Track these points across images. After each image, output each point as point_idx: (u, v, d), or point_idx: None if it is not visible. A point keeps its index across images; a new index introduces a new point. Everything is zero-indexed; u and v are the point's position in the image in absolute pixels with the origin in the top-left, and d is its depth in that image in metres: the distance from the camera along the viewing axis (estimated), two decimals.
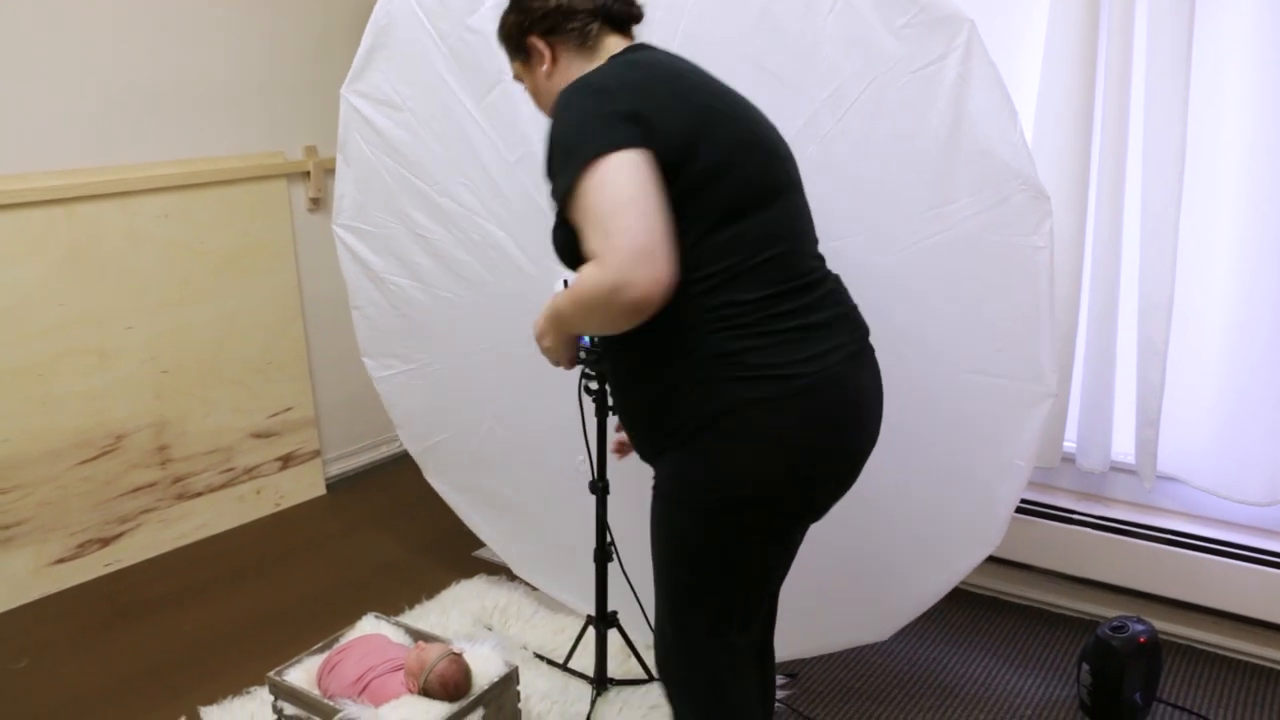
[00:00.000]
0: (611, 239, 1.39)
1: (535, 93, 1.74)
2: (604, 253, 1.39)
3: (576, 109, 1.49)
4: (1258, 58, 2.35)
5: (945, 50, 1.91)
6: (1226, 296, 2.50)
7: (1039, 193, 1.93)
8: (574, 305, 1.49)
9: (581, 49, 1.65)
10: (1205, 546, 2.57)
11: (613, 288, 1.39)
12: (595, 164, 1.42)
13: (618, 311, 1.42)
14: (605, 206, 1.41)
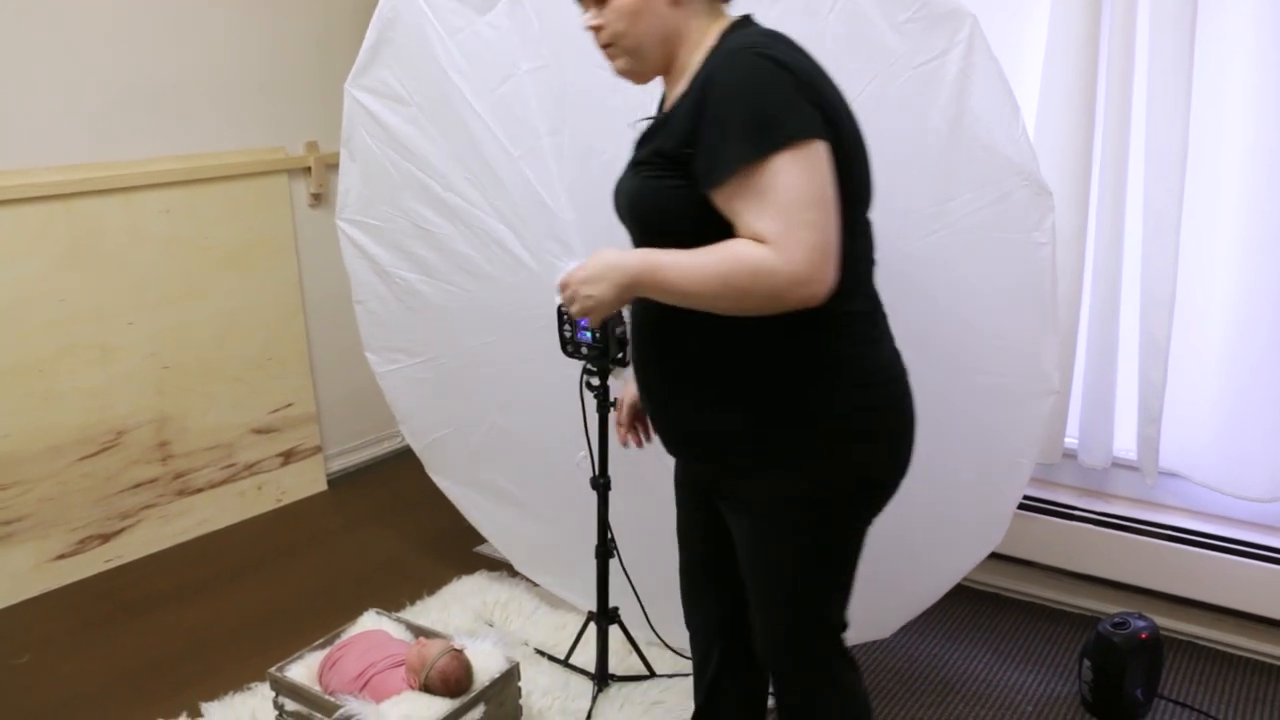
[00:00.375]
0: (801, 231, 1.35)
1: (637, 12, 1.52)
2: (788, 243, 1.35)
3: (772, 77, 1.39)
4: (1260, 56, 2.35)
5: (947, 46, 1.91)
6: (1228, 294, 2.50)
7: (1041, 189, 1.93)
8: (720, 279, 1.40)
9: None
10: (1207, 543, 2.57)
11: (791, 279, 1.35)
12: (798, 146, 1.36)
13: (778, 303, 1.39)
14: (800, 194, 1.36)
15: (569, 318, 2.18)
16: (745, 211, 1.39)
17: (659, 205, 1.50)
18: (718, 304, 1.44)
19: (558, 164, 2.31)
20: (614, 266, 1.49)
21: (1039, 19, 2.55)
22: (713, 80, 1.42)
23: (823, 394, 1.52)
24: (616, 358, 2.20)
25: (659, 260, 1.46)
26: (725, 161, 1.38)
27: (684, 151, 1.44)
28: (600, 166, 2.24)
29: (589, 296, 1.52)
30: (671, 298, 1.47)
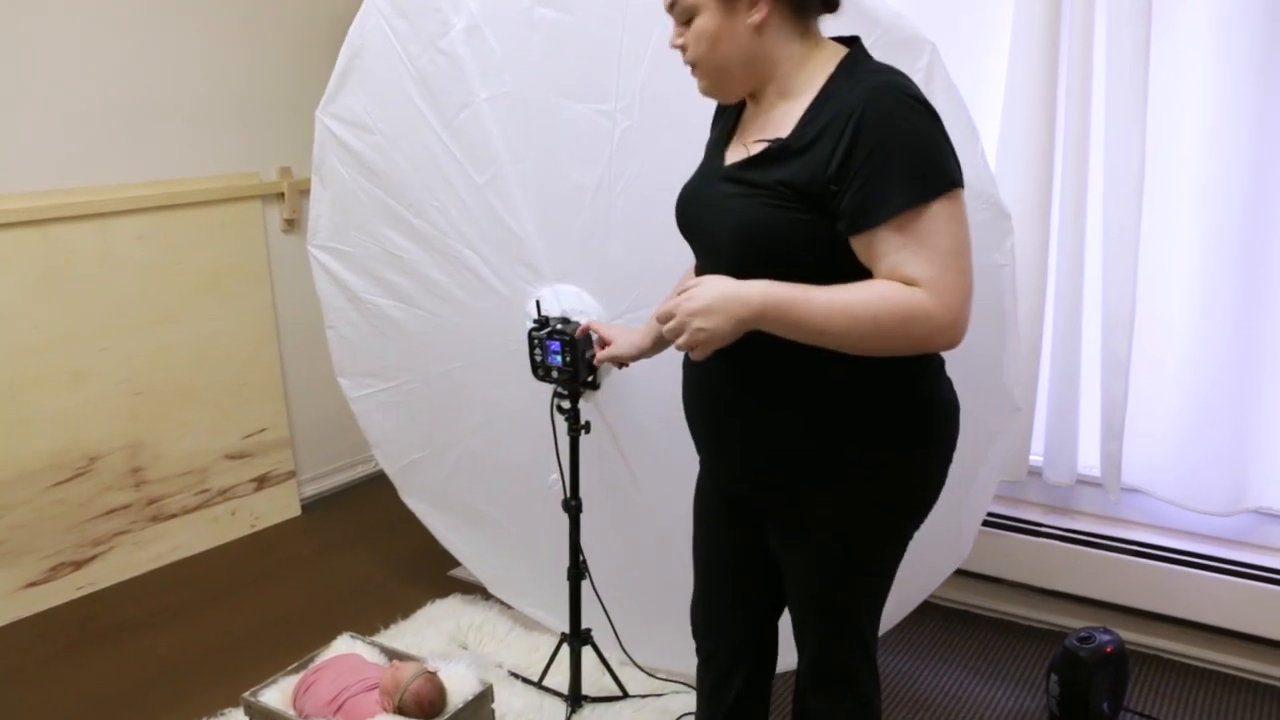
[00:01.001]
0: (955, 277, 1.39)
1: (716, 37, 1.51)
2: (943, 288, 1.38)
3: (927, 121, 1.44)
4: (1212, 82, 2.41)
5: (907, 72, 1.94)
6: (1186, 311, 2.56)
7: (1000, 211, 1.97)
8: (870, 320, 1.40)
9: (796, 19, 1.52)
10: (1170, 557, 2.62)
11: (943, 324, 1.39)
12: (955, 194, 1.41)
13: (924, 346, 1.43)
14: (956, 242, 1.40)
15: (539, 341, 2.20)
16: (895, 254, 1.40)
17: (779, 235, 1.47)
18: (855, 344, 1.44)
19: (523, 191, 2.34)
20: (734, 300, 1.45)
21: (1000, 46, 2.60)
22: (868, 120, 1.40)
23: (915, 419, 1.58)
24: (586, 381, 2.23)
25: (790, 296, 1.43)
26: (887, 204, 1.39)
27: (828, 189, 1.42)
28: (565, 193, 2.27)
29: (701, 329, 1.46)
30: (800, 334, 1.45)
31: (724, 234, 1.54)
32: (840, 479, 1.57)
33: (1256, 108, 2.37)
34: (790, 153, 1.47)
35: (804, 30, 1.53)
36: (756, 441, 1.61)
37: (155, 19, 3.27)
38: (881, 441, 1.56)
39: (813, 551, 1.64)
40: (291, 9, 3.66)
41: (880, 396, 1.54)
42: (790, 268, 1.46)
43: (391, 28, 2.42)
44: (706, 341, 1.47)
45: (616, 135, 2.16)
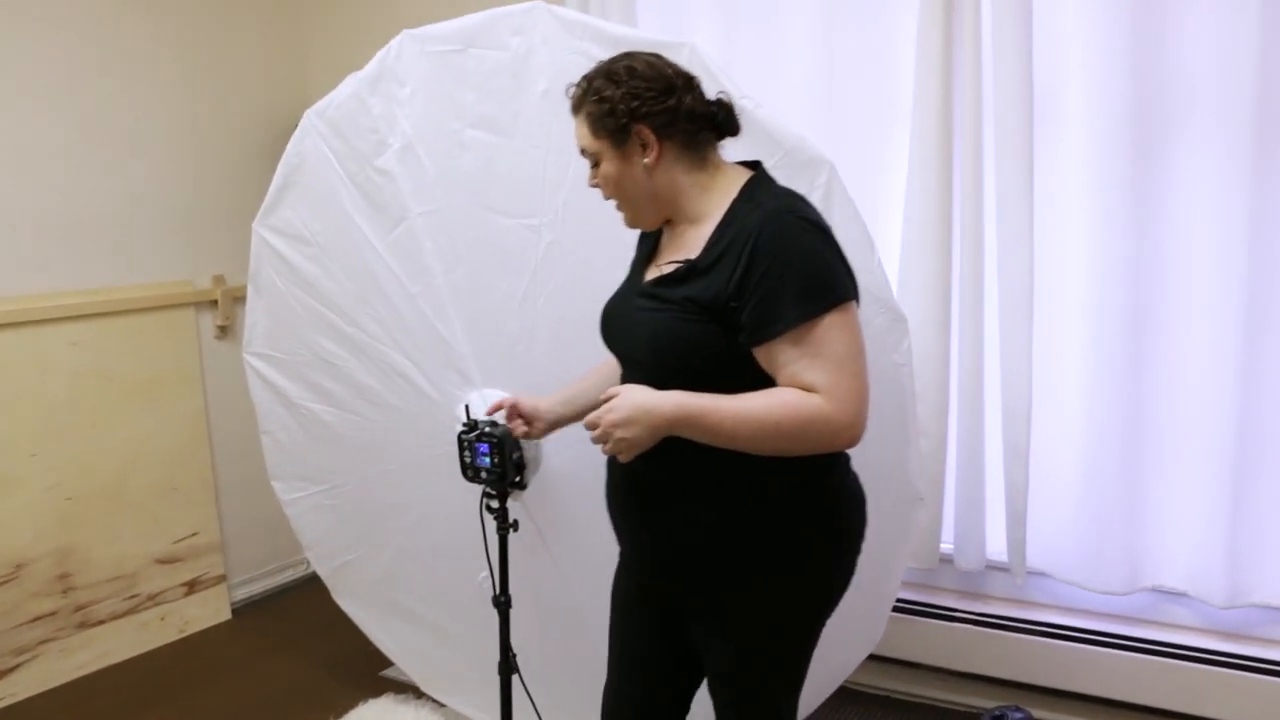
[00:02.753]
0: (853, 382, 1.53)
1: (619, 179, 1.69)
2: (836, 392, 1.51)
3: (823, 241, 1.58)
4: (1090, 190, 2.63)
5: (809, 190, 2.10)
6: (1079, 403, 2.73)
7: (897, 315, 2.13)
8: (773, 426, 1.53)
9: (688, 152, 1.67)
10: (1075, 636, 2.75)
11: (846, 425, 1.52)
12: (846, 306, 1.55)
13: (827, 446, 1.56)
14: (849, 349, 1.54)
15: (468, 444, 2.29)
16: (793, 364, 1.54)
17: (688, 346, 1.60)
18: (761, 447, 1.57)
19: (453, 301, 2.46)
20: (651, 412, 1.57)
21: (899, 165, 2.80)
22: (762, 242, 1.54)
23: (827, 513, 1.70)
24: (514, 481, 2.31)
25: (701, 406, 1.56)
26: (782, 319, 1.52)
27: (729, 305, 1.56)
28: (494, 304, 2.39)
29: (623, 439, 1.58)
30: (711, 440, 1.58)
31: (640, 345, 1.68)
32: (757, 574, 1.66)
33: (1133, 217, 2.59)
34: (697, 271, 1.61)
35: (701, 161, 1.69)
36: (674, 537, 1.71)
37: (91, 130, 3.36)
38: (795, 536, 1.66)
39: (732, 646, 1.73)
40: (225, 123, 3.78)
41: (792, 492, 1.65)
42: (700, 375, 1.59)
43: (330, 146, 2.55)
44: (628, 449, 1.59)
45: (541, 248, 2.30)
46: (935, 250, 2.73)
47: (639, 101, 1.63)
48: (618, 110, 1.64)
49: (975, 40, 2.63)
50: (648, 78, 1.65)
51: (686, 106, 1.66)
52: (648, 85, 1.64)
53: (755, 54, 3.00)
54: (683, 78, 1.68)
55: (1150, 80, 2.53)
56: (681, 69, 1.70)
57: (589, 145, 1.70)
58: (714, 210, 1.66)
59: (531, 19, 2.28)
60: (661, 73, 1.66)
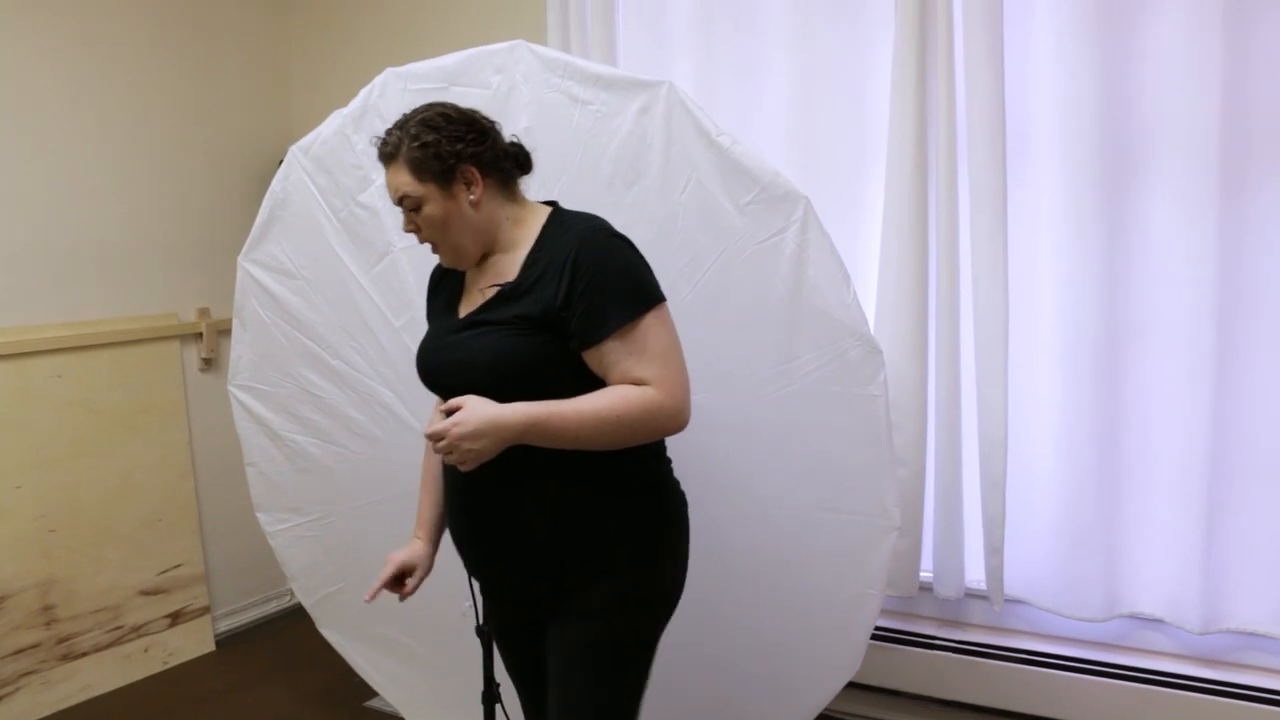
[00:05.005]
0: (673, 372, 1.71)
1: (444, 219, 1.79)
2: (665, 382, 1.70)
3: (632, 254, 1.76)
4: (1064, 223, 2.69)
5: (785, 224, 2.16)
6: (1055, 432, 2.78)
7: (872, 348, 2.17)
8: (614, 420, 1.68)
9: (504, 189, 1.83)
10: (1053, 663, 2.77)
11: (675, 412, 1.70)
12: (661, 306, 1.73)
13: (663, 431, 1.74)
14: (668, 343, 1.72)
15: None
16: (623, 361, 1.70)
17: (526, 359, 1.73)
18: (606, 442, 1.71)
19: None
20: (499, 425, 1.67)
21: (875, 197, 2.86)
22: (583, 257, 1.71)
23: (660, 504, 1.86)
24: None
25: (546, 412, 1.69)
26: (609, 321, 1.69)
27: (559, 316, 1.70)
28: None
29: (470, 450, 1.67)
30: (559, 443, 1.70)
31: (476, 368, 1.76)
32: (602, 564, 1.79)
33: (1104, 248, 2.64)
34: (521, 291, 1.76)
35: (513, 195, 1.85)
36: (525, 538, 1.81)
37: (76, 164, 3.40)
38: (633, 525, 1.81)
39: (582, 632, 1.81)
40: (210, 157, 3.82)
41: (624, 482, 1.80)
42: (538, 386, 1.71)
43: (314, 182, 2.59)
44: (475, 459, 1.70)
45: None
46: (911, 282, 2.77)
47: (462, 144, 1.77)
48: (443, 153, 1.76)
49: (949, 77, 2.69)
50: (464, 122, 1.80)
51: (501, 147, 1.83)
52: (467, 129, 1.79)
53: (733, 91, 3.06)
54: (488, 121, 1.84)
55: (1119, 114, 2.59)
56: (482, 115, 1.85)
57: (412, 190, 1.78)
58: (526, 238, 1.81)
59: (513, 57, 2.33)
60: (473, 118, 1.82)
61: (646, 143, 2.23)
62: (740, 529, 2.31)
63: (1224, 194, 2.49)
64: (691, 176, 2.20)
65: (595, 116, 2.26)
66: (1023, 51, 2.69)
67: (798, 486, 2.26)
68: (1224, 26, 2.43)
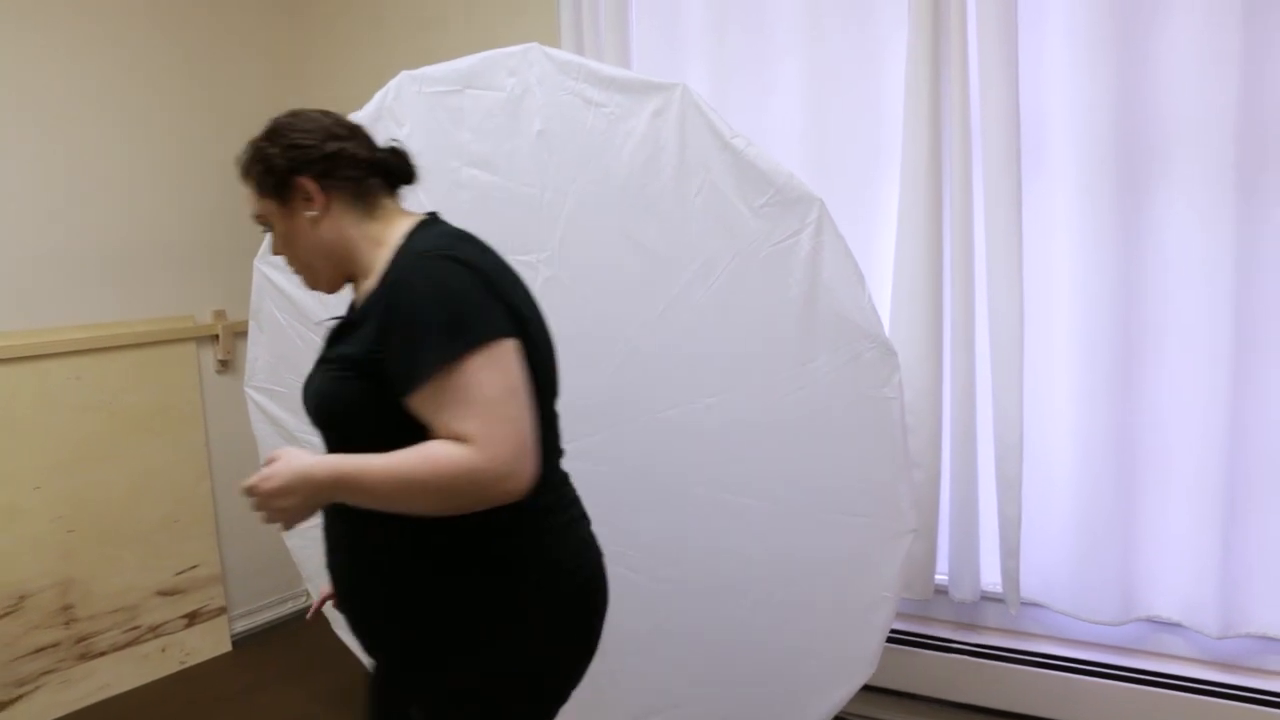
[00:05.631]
0: (498, 427, 1.39)
1: (289, 237, 1.63)
2: (487, 440, 1.38)
3: (459, 280, 1.45)
4: (1079, 223, 2.67)
5: (799, 226, 2.16)
6: (1070, 435, 2.76)
7: (888, 349, 2.16)
8: (420, 483, 1.41)
9: (357, 202, 1.61)
10: (1069, 666, 2.76)
11: (496, 476, 1.38)
12: (487, 346, 1.41)
13: (483, 501, 1.42)
14: (494, 392, 1.40)
15: None
16: (443, 412, 1.41)
17: (343, 404, 1.52)
18: (420, 508, 1.44)
19: None
20: (306, 480, 1.45)
21: (889, 198, 2.85)
22: (399, 285, 1.46)
23: (508, 587, 1.55)
24: None
25: (356, 468, 1.44)
26: (421, 366, 1.41)
27: (375, 358, 1.46)
28: None
29: (281, 509, 1.47)
30: (371, 504, 1.46)
31: (312, 410, 1.60)
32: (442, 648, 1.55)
33: (1119, 250, 2.63)
34: (351, 326, 1.56)
35: (372, 211, 1.61)
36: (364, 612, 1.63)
37: (94, 167, 3.42)
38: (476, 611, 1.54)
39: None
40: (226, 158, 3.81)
41: (469, 565, 1.53)
42: (368, 435, 1.48)
43: None
44: (289, 519, 1.49)
45: (538, 284, 2.34)
46: (925, 285, 2.76)
47: (297, 151, 1.58)
48: (276, 166, 1.59)
49: (962, 80, 2.68)
50: (305, 129, 1.60)
51: (348, 153, 1.60)
52: (305, 135, 1.59)
53: (746, 93, 3.06)
54: (345, 127, 1.64)
55: (1135, 116, 2.58)
56: (346, 120, 1.66)
57: (258, 208, 1.65)
58: (383, 261, 1.57)
59: (527, 60, 2.34)
60: (320, 123, 1.62)
61: (660, 145, 2.23)
62: (755, 531, 2.31)
63: (1240, 196, 2.47)
64: (706, 179, 2.20)
65: (609, 119, 2.27)
66: (1037, 53, 2.68)
67: (813, 488, 2.26)
68: (1242, 28, 2.42)
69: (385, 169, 1.64)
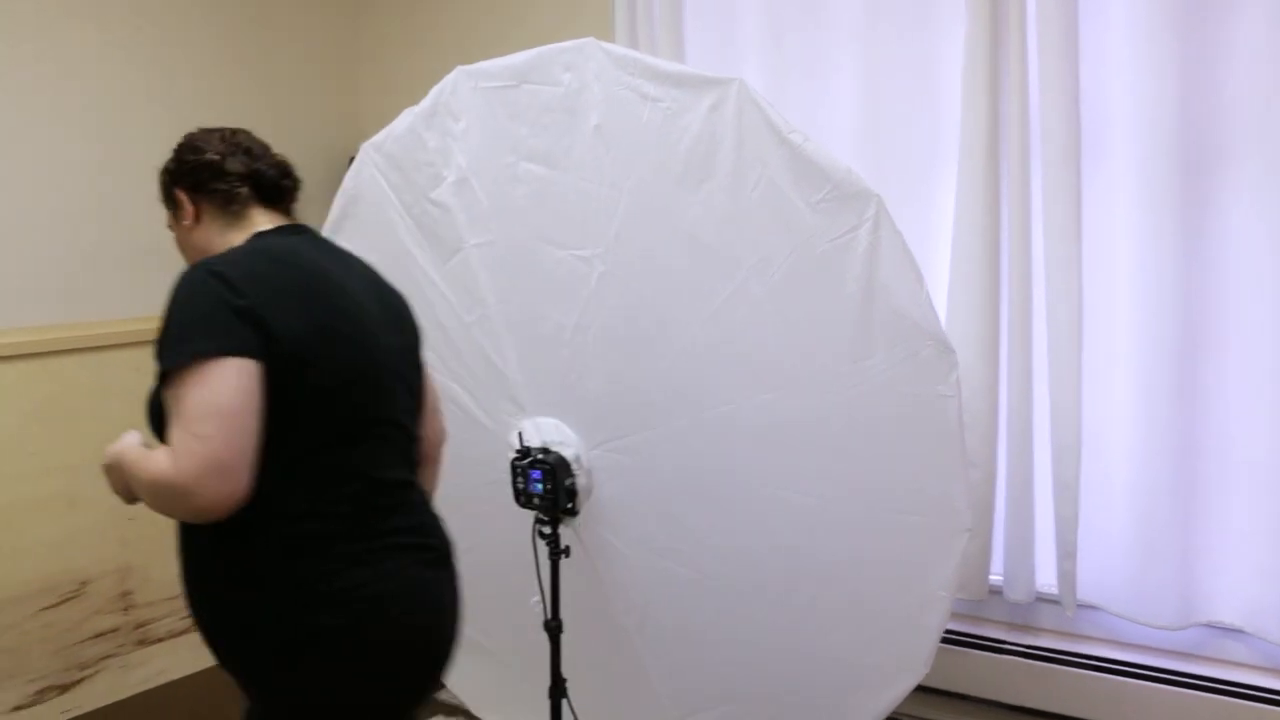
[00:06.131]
0: (191, 443, 1.42)
1: (180, 245, 1.83)
2: (180, 453, 1.42)
3: (200, 293, 1.52)
4: (1139, 221, 2.63)
5: (857, 222, 2.13)
6: (1131, 433, 2.71)
7: (945, 347, 2.14)
8: (139, 480, 1.56)
9: (225, 212, 1.74)
10: (1126, 670, 2.72)
11: (181, 490, 1.43)
12: (202, 362, 1.45)
13: (179, 511, 1.51)
14: (197, 408, 1.42)
15: (521, 470, 2.34)
16: (168, 419, 1.48)
17: (150, 407, 1.63)
18: (152, 505, 1.56)
19: (507, 330, 2.51)
20: (112, 460, 1.67)
21: (946, 194, 2.82)
22: (169, 295, 1.56)
23: (287, 611, 1.57)
24: (566, 507, 2.35)
25: (123, 457, 1.63)
26: (158, 372, 1.50)
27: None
28: (546, 333, 2.44)
29: (109, 479, 1.71)
30: (136, 491, 1.61)
31: None
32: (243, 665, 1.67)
33: (1181, 248, 2.58)
34: None
35: (238, 221, 1.75)
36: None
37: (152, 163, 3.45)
38: (249, 636, 1.61)
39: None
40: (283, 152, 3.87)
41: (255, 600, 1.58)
42: (161, 433, 1.57)
43: (386, 179, 2.62)
44: (117, 492, 1.67)
45: (594, 279, 2.34)
46: (982, 281, 2.73)
47: (176, 165, 1.77)
48: (163, 179, 1.80)
49: (1021, 71, 2.64)
50: (191, 145, 1.77)
51: (216, 166, 1.73)
52: (187, 150, 1.76)
53: (800, 88, 3.04)
54: (231, 144, 1.77)
55: (1200, 113, 2.52)
56: (242, 137, 1.82)
57: (167, 219, 1.82)
58: None
59: (584, 55, 2.34)
60: (204, 138, 1.78)
61: (717, 140, 2.22)
62: (808, 529, 2.29)
63: None
64: (762, 174, 2.18)
65: (666, 114, 2.26)
66: (1099, 46, 2.63)
67: (868, 486, 2.24)
68: None
69: (258, 181, 1.76)
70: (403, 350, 1.81)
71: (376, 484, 1.65)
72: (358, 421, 1.62)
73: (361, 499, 1.63)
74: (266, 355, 1.49)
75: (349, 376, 1.61)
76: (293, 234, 1.75)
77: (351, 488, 1.61)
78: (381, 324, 1.73)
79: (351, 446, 1.62)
